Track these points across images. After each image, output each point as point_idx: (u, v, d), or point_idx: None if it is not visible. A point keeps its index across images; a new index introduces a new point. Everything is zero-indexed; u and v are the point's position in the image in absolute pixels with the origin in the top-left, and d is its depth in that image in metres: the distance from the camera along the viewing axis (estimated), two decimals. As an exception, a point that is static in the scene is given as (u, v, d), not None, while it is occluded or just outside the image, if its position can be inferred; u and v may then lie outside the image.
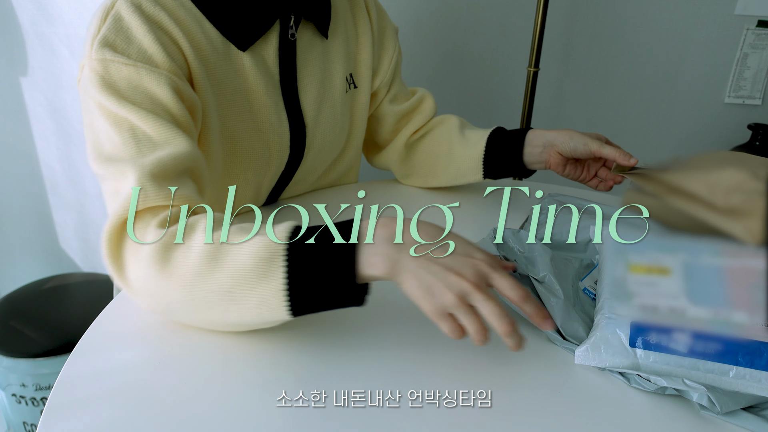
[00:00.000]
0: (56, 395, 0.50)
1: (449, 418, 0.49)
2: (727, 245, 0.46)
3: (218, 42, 0.71)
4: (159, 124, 0.60)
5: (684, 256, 0.40)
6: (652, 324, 0.50)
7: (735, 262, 0.41)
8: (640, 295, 0.49)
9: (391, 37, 0.93)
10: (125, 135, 0.60)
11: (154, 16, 0.66)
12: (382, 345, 0.58)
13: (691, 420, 0.50)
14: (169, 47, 0.65)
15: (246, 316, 0.52)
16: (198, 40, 0.69)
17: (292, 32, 0.77)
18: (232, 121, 0.75)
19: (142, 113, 0.60)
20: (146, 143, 0.60)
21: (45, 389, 1.17)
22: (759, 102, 1.63)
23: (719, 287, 0.38)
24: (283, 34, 0.76)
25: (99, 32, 0.63)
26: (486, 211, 0.91)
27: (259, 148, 0.78)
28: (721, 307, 0.42)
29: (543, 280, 0.61)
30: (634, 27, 1.56)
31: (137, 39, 0.64)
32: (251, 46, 0.74)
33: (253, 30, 0.73)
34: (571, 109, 1.67)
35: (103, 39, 0.63)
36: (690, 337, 0.49)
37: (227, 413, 0.48)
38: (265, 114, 0.77)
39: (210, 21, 0.70)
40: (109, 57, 0.62)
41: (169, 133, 0.61)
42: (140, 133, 0.60)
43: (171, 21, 0.66)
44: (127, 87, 0.62)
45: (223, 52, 0.72)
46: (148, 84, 0.62)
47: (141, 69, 0.62)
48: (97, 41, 0.63)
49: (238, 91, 0.74)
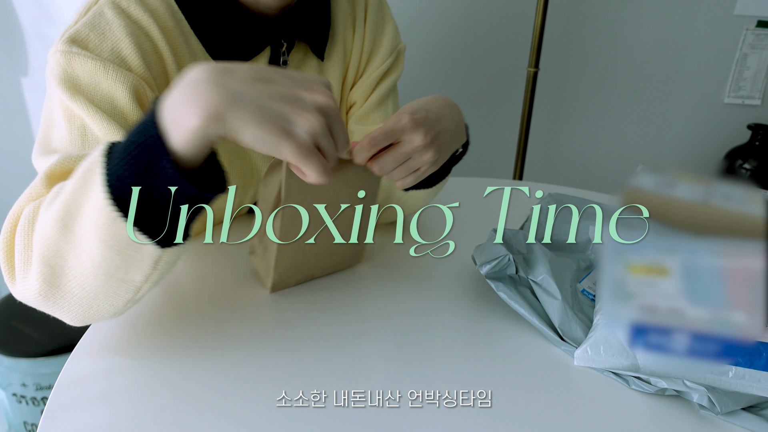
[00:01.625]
0: (57, 395, 0.50)
1: (449, 418, 0.49)
2: (727, 245, 0.46)
3: (202, 59, 0.69)
4: (110, 128, 0.58)
5: (684, 256, 0.39)
6: (651, 324, 0.50)
7: (735, 262, 0.41)
8: (639, 296, 0.49)
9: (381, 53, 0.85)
10: (74, 133, 0.58)
11: (141, 21, 0.64)
12: (382, 345, 0.58)
13: (691, 420, 0.50)
14: (148, 54, 0.63)
15: (92, 245, 0.46)
16: (182, 53, 0.67)
17: (284, 59, 0.74)
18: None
19: (96, 114, 0.58)
20: (93, 144, 0.58)
21: (45, 389, 1.17)
22: (758, 102, 1.63)
23: (719, 287, 0.38)
24: (273, 58, 0.74)
25: (75, 25, 0.62)
26: (486, 211, 0.91)
27: (240, 167, 0.75)
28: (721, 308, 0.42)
29: (541, 283, 0.61)
30: (633, 27, 1.56)
31: (114, 37, 0.61)
32: None
33: (241, 55, 0.71)
34: (571, 109, 1.67)
35: (76, 32, 0.60)
36: (689, 337, 0.49)
37: (227, 413, 0.48)
38: None
39: (198, 38, 0.68)
40: (75, 50, 0.59)
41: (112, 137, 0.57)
42: (90, 134, 0.59)
43: (158, 29, 0.64)
44: (88, 83, 0.59)
45: None
46: (110, 82, 0.60)
47: (108, 65, 0.60)
48: (68, 33, 0.60)
49: None
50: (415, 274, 0.70)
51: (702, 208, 0.34)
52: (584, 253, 0.72)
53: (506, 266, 0.62)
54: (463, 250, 0.69)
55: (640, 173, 0.36)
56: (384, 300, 0.64)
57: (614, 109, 1.67)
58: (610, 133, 1.70)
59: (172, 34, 0.66)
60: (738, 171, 1.59)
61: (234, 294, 0.64)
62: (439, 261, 0.73)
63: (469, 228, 0.82)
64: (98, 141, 0.57)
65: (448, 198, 0.94)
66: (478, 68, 1.58)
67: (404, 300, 0.64)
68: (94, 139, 0.58)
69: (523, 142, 1.44)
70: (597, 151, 1.73)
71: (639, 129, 1.70)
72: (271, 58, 0.74)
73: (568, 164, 1.74)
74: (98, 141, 0.57)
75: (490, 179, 1.01)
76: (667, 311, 0.34)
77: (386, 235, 0.81)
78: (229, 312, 0.62)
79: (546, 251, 0.65)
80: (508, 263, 0.62)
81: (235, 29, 0.69)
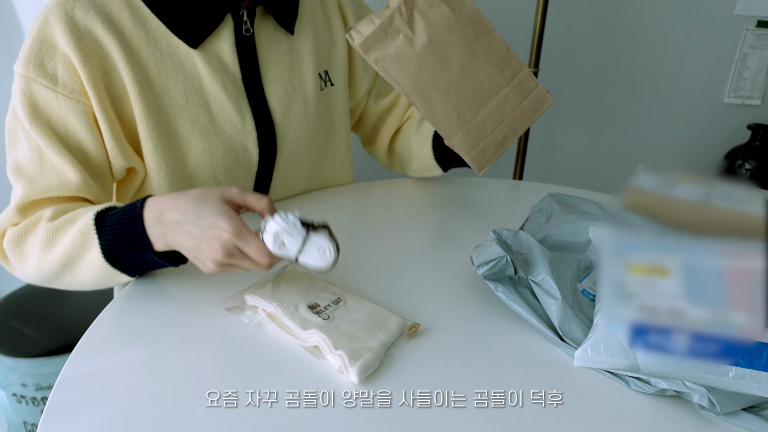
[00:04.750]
0: (57, 395, 0.50)
1: (448, 418, 0.49)
2: (727, 245, 0.46)
3: (163, 43, 0.70)
4: (61, 156, 0.66)
5: (684, 256, 0.39)
6: (651, 325, 0.50)
7: (735, 262, 0.41)
8: (639, 296, 0.49)
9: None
10: (34, 154, 0.67)
11: (84, 23, 0.66)
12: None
13: (691, 421, 0.50)
14: (91, 59, 0.66)
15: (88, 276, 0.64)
16: (136, 43, 0.69)
17: (246, 27, 0.75)
18: (184, 124, 0.73)
19: (51, 145, 0.66)
20: (48, 167, 0.67)
21: (45, 389, 1.17)
22: (758, 102, 1.63)
23: (719, 288, 0.38)
24: (237, 29, 0.75)
25: (29, 42, 0.66)
26: (486, 211, 0.91)
27: (220, 148, 0.76)
28: (721, 308, 0.42)
29: (541, 283, 0.61)
30: (633, 27, 1.56)
31: (59, 55, 0.66)
32: (203, 44, 0.72)
33: (202, 26, 0.72)
34: (571, 109, 1.67)
35: (30, 52, 0.66)
36: (689, 337, 0.49)
37: (227, 413, 0.48)
38: (226, 113, 0.75)
39: (159, 18, 0.70)
40: (33, 76, 0.65)
41: (66, 165, 0.66)
42: (46, 158, 0.67)
43: (104, 26, 0.67)
44: (44, 107, 0.66)
45: (168, 53, 0.71)
46: (62, 110, 0.67)
47: (59, 96, 0.66)
48: (24, 55, 0.66)
49: (189, 92, 0.73)
50: (415, 273, 0.70)
51: (702, 208, 0.34)
52: (584, 253, 0.72)
53: (504, 267, 0.62)
54: (462, 250, 0.69)
55: (640, 173, 0.36)
56: (383, 301, 0.64)
57: (614, 109, 1.67)
58: (610, 133, 1.70)
59: (126, 24, 0.69)
60: (738, 171, 1.59)
61: (235, 293, 0.64)
62: (439, 261, 0.73)
63: (469, 228, 0.82)
64: (53, 165, 0.67)
65: (448, 198, 0.94)
66: (478, 68, 1.58)
67: (404, 300, 0.64)
68: (49, 162, 0.67)
69: (523, 142, 1.44)
70: (597, 151, 1.73)
71: (639, 129, 1.70)
72: (235, 29, 0.75)
73: (568, 164, 1.74)
74: (53, 165, 0.67)
75: (490, 179, 1.01)
76: (667, 311, 0.34)
77: (386, 235, 0.81)
78: (229, 312, 0.61)
79: (546, 251, 0.65)
80: (505, 264, 0.61)
81: (191, 3, 0.71)
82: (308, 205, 0.88)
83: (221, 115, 0.75)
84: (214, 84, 0.74)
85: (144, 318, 0.61)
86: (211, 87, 0.74)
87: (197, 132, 0.74)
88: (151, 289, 0.66)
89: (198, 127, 0.74)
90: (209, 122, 0.75)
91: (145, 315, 0.61)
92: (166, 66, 0.71)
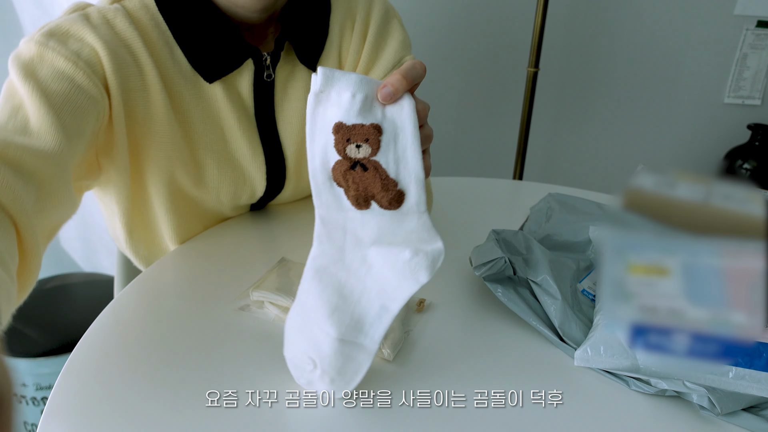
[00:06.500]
0: (56, 395, 0.50)
1: (448, 418, 0.49)
2: (727, 245, 0.46)
3: (187, 70, 0.69)
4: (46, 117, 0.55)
5: (684, 256, 0.39)
6: (651, 325, 0.50)
7: (735, 262, 0.41)
8: (639, 296, 0.49)
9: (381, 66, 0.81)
10: (7, 107, 0.56)
11: (124, 33, 0.64)
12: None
13: (691, 421, 0.50)
14: (126, 67, 0.63)
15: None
16: (166, 65, 0.67)
17: (268, 73, 0.73)
18: (200, 150, 0.72)
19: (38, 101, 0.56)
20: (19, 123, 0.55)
21: (45, 389, 1.17)
22: (758, 102, 1.63)
23: (719, 288, 0.38)
24: (258, 72, 0.73)
25: (58, 20, 0.61)
26: (486, 211, 0.91)
27: (231, 175, 0.75)
28: (721, 308, 0.42)
29: (541, 283, 0.61)
30: (633, 27, 1.56)
31: (91, 43, 0.60)
32: (221, 78, 0.71)
33: (222, 66, 0.70)
34: (571, 109, 1.67)
35: (57, 26, 0.60)
36: (689, 338, 0.49)
37: (227, 413, 0.48)
38: (239, 145, 0.74)
39: (181, 48, 0.68)
40: (52, 45, 0.58)
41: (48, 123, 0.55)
42: (21, 114, 0.56)
43: (141, 43, 0.64)
44: (47, 75, 0.58)
45: (192, 80, 0.70)
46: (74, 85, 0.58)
47: (79, 71, 0.59)
48: (48, 27, 0.59)
49: (207, 121, 0.72)
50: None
51: (702, 208, 0.34)
52: (584, 253, 0.72)
53: (503, 269, 0.61)
54: (462, 250, 0.69)
55: (640, 173, 0.35)
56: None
57: (614, 109, 1.67)
58: (610, 133, 1.70)
59: (156, 46, 0.67)
60: (738, 171, 1.59)
61: (234, 294, 0.64)
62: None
63: (469, 228, 0.82)
64: (27, 122, 0.55)
65: (448, 197, 0.94)
66: (478, 68, 1.58)
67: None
68: (23, 118, 0.56)
69: (523, 142, 1.44)
70: (597, 151, 1.73)
71: (639, 129, 1.70)
72: (256, 72, 0.72)
73: (568, 164, 1.74)
74: (27, 122, 0.55)
75: (490, 179, 1.01)
76: (667, 311, 0.34)
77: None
78: (229, 311, 0.62)
79: (546, 251, 0.65)
80: (504, 266, 0.61)
81: (214, 41, 0.69)
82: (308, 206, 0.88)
83: (234, 144, 0.74)
84: (229, 117, 0.72)
85: (144, 318, 0.61)
86: (227, 119, 0.73)
87: (210, 159, 0.73)
88: (151, 289, 0.66)
89: (212, 154, 0.73)
90: (225, 151, 0.74)
91: (145, 315, 0.61)
92: (189, 91, 0.70)
